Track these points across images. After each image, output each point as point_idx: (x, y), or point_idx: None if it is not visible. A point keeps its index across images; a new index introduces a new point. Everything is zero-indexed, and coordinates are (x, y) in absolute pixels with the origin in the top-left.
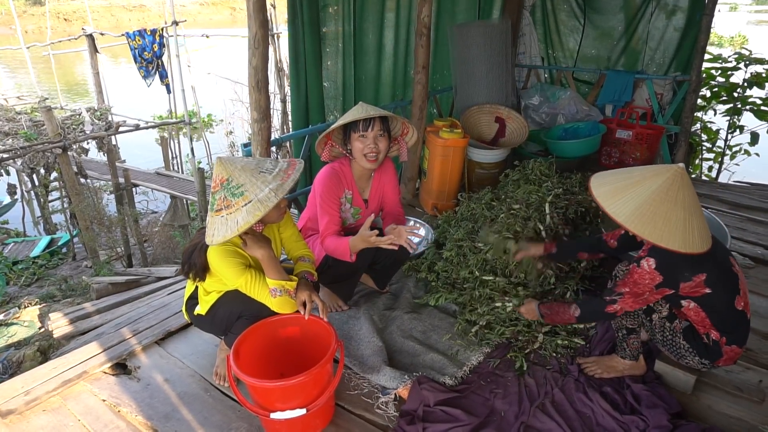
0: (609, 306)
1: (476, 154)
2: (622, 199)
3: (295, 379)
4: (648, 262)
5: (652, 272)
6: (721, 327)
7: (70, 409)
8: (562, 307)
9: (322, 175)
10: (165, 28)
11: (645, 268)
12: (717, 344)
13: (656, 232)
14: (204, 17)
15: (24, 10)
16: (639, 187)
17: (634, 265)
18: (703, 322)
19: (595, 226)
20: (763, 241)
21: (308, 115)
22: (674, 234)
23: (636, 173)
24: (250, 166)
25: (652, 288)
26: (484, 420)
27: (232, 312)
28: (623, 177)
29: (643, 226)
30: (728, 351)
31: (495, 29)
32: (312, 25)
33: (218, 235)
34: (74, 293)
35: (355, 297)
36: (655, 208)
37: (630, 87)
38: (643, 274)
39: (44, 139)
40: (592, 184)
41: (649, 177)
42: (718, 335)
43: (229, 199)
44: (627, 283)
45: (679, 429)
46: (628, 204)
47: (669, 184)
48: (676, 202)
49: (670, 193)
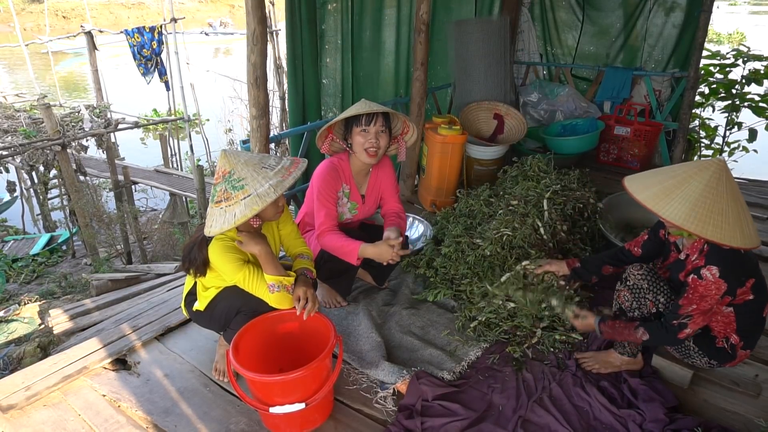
0: (681, 332)
1: (475, 150)
2: (674, 200)
3: (294, 373)
4: (711, 271)
5: (717, 281)
6: (743, 332)
7: (71, 404)
8: (627, 329)
9: (321, 170)
10: (164, 25)
11: (709, 278)
12: (734, 348)
13: (718, 231)
14: (203, 15)
15: (22, 8)
16: (686, 186)
17: (695, 278)
18: (727, 327)
19: (593, 222)
20: (761, 237)
21: (305, 113)
22: (734, 230)
23: (678, 171)
24: (253, 161)
25: (718, 298)
26: (482, 414)
27: (231, 307)
28: (665, 177)
29: (704, 225)
30: (742, 354)
31: (493, 26)
32: (310, 22)
33: (216, 226)
34: (74, 290)
35: (353, 293)
36: (709, 205)
37: (628, 84)
38: (709, 286)
39: (43, 137)
40: (631, 189)
41: (694, 174)
42: (738, 339)
43: (229, 192)
44: (692, 299)
45: (675, 423)
46: (683, 205)
47: (717, 179)
48: (729, 197)
49: (720, 188)
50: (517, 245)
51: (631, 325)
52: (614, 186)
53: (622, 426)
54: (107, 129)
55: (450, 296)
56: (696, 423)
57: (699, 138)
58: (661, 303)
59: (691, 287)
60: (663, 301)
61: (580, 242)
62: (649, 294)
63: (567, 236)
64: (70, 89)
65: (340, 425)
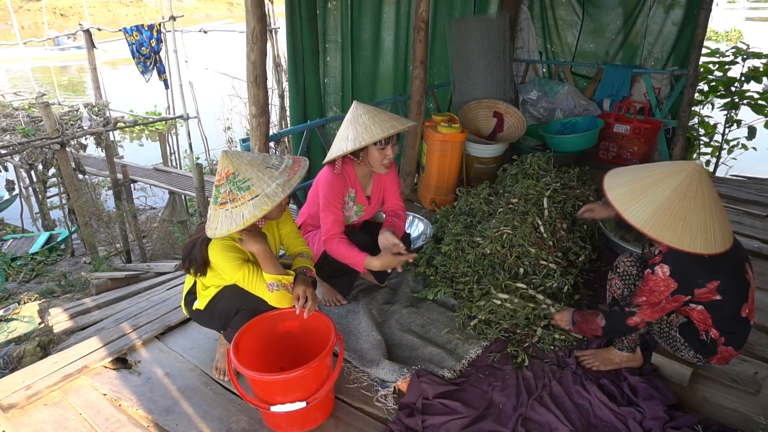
0: (629, 318)
1: (474, 148)
2: (639, 202)
3: (295, 372)
4: (662, 269)
5: (666, 279)
6: (722, 328)
7: (71, 403)
8: (592, 316)
9: (328, 176)
10: (162, 23)
11: (659, 275)
12: (714, 342)
13: (676, 236)
14: (201, 12)
15: (20, 6)
16: (656, 187)
17: (648, 272)
18: (705, 321)
19: (592, 220)
20: (759, 235)
21: (306, 111)
22: (696, 236)
23: (652, 172)
24: (256, 161)
25: (667, 296)
26: (482, 412)
27: (231, 306)
28: (639, 177)
29: (663, 230)
30: (723, 351)
31: (493, 24)
32: (310, 21)
33: (222, 228)
34: (73, 289)
35: (354, 291)
36: (674, 209)
37: (628, 81)
38: (658, 282)
39: (42, 135)
40: (607, 186)
41: (667, 176)
42: (717, 334)
43: (234, 193)
44: (643, 291)
45: (675, 420)
46: (647, 207)
47: (688, 183)
48: (696, 202)
49: (689, 193)
50: (517, 243)
51: (596, 312)
52: None
53: (622, 423)
54: (106, 127)
55: (450, 294)
56: (696, 420)
57: (698, 136)
58: None
59: (645, 280)
60: None
61: (580, 240)
62: (638, 281)
63: (567, 234)
64: (69, 88)
65: (341, 424)
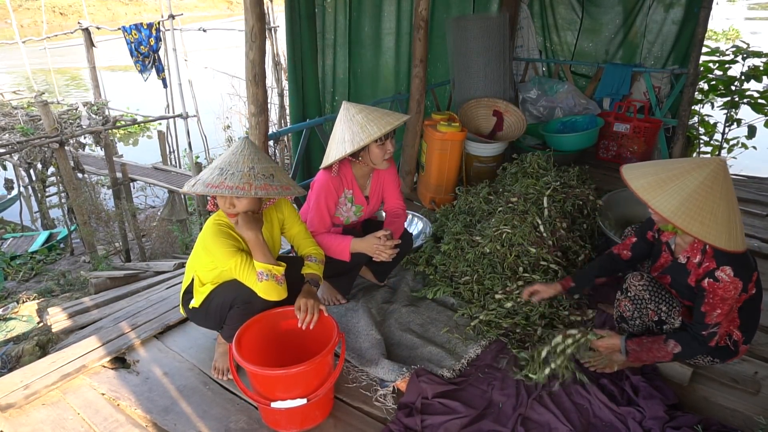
0: (711, 341)
1: (474, 147)
2: (666, 192)
3: (297, 367)
4: (725, 272)
5: (734, 280)
6: (744, 327)
7: (70, 402)
8: (656, 343)
9: (322, 180)
10: (161, 21)
11: (725, 279)
12: (736, 344)
13: (704, 229)
14: (200, 11)
15: (19, 4)
16: (682, 180)
17: (711, 282)
18: (731, 324)
19: (592, 219)
20: (759, 234)
21: (305, 109)
22: (721, 231)
23: (676, 165)
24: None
25: (736, 298)
26: (482, 412)
27: (225, 301)
28: (662, 169)
29: (691, 221)
30: (743, 349)
31: (493, 22)
32: (309, 19)
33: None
34: (73, 288)
35: (353, 290)
36: (700, 202)
37: (628, 80)
38: (728, 287)
39: (41, 134)
40: (627, 176)
41: (691, 170)
42: (740, 335)
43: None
44: (714, 304)
45: (675, 420)
46: (674, 197)
47: (713, 178)
48: (721, 197)
49: (715, 187)
50: (516, 242)
51: (660, 338)
52: (614, 183)
53: (622, 423)
54: (105, 126)
55: (449, 294)
56: (696, 420)
57: (698, 135)
58: (663, 311)
59: (710, 292)
60: (665, 310)
61: (580, 239)
62: (651, 304)
63: (566, 233)
64: (68, 87)
65: (340, 423)
